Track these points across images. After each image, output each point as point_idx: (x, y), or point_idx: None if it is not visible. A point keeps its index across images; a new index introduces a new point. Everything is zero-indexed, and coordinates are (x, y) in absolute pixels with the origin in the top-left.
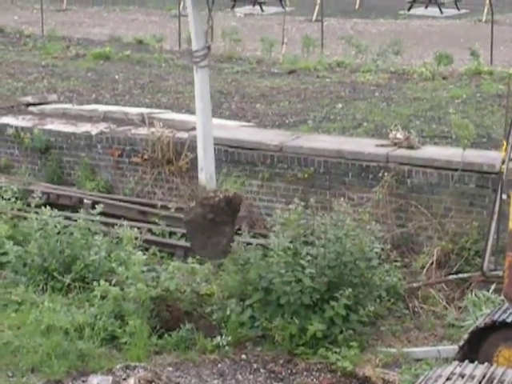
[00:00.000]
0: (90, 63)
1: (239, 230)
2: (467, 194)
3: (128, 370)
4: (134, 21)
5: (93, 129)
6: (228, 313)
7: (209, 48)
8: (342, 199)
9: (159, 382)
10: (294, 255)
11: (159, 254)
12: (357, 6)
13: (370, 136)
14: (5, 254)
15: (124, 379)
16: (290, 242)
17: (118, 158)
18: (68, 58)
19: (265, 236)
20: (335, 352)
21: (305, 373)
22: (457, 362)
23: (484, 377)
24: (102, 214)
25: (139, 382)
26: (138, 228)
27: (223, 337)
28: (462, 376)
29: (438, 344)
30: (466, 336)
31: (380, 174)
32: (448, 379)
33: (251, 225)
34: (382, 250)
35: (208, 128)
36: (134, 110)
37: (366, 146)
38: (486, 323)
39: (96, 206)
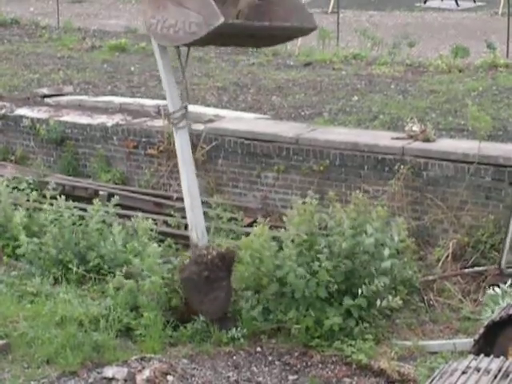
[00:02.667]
0: (105, 55)
1: (255, 221)
2: (483, 187)
3: (143, 362)
4: None
5: (108, 120)
6: (243, 305)
7: (186, 108)
8: (358, 192)
9: (174, 374)
10: (309, 248)
11: (174, 246)
12: None
13: (385, 129)
14: (20, 245)
15: (139, 371)
16: (306, 234)
17: (133, 149)
18: (84, 50)
19: (280, 228)
20: (350, 345)
21: (320, 365)
22: (472, 356)
23: (500, 370)
24: (117, 205)
25: (154, 373)
26: (154, 220)
27: (238, 329)
28: (478, 370)
29: (453, 337)
30: (481, 330)
31: (396, 167)
32: (463, 373)
33: (266, 217)
34: (402, 242)
35: (194, 188)
36: (149, 102)
37: (382, 138)
38: (501, 317)
39: (111, 198)
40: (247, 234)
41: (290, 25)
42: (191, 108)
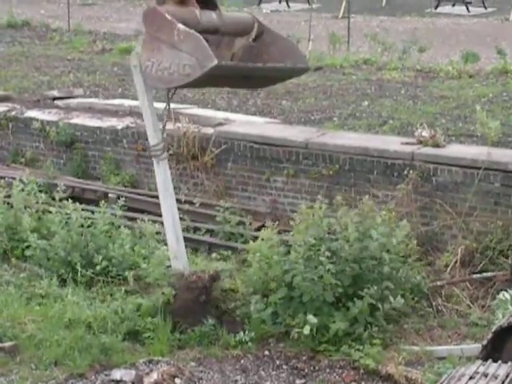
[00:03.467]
0: (115, 57)
1: (264, 225)
2: (492, 193)
3: (151, 365)
4: None
5: (118, 123)
6: (251, 309)
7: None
8: (367, 196)
9: (182, 377)
10: (316, 252)
11: None
12: (383, 4)
13: (395, 134)
14: (29, 247)
15: (147, 373)
16: (314, 238)
17: (142, 152)
18: (94, 53)
19: (289, 232)
20: (358, 349)
21: (327, 369)
22: (480, 361)
23: (507, 376)
24: (126, 208)
25: (162, 376)
26: (162, 223)
27: (246, 333)
28: (486, 375)
29: (461, 343)
30: (489, 335)
31: (405, 172)
32: (471, 378)
33: (275, 221)
34: (407, 245)
35: (177, 218)
36: (159, 105)
37: (392, 143)
38: (509, 322)
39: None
40: (255, 238)
41: (283, 65)
42: (201, 111)
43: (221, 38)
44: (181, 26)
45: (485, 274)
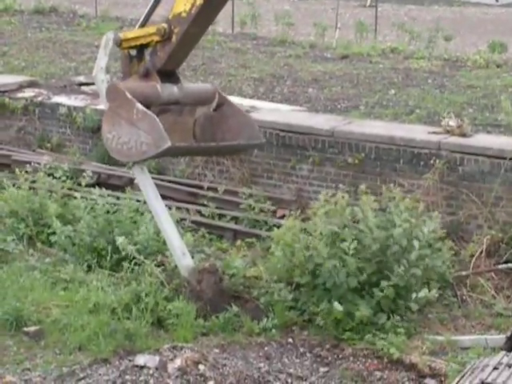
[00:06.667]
0: None
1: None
2: None
3: (175, 351)
4: None
5: None
6: (275, 296)
7: None
8: (393, 185)
9: (206, 363)
10: (339, 239)
11: (208, 236)
12: None
13: (422, 123)
14: (54, 232)
15: (171, 359)
16: (338, 228)
17: None
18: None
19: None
20: (382, 338)
21: (351, 358)
22: (504, 352)
23: None
24: None
25: (186, 362)
26: (187, 210)
27: (270, 320)
28: (509, 366)
29: (485, 333)
30: None
31: (431, 162)
32: (495, 369)
33: (300, 209)
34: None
35: (170, 220)
36: None
37: (418, 132)
38: None
39: None
40: (280, 226)
41: (237, 143)
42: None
43: (183, 105)
44: (139, 106)
45: (510, 265)
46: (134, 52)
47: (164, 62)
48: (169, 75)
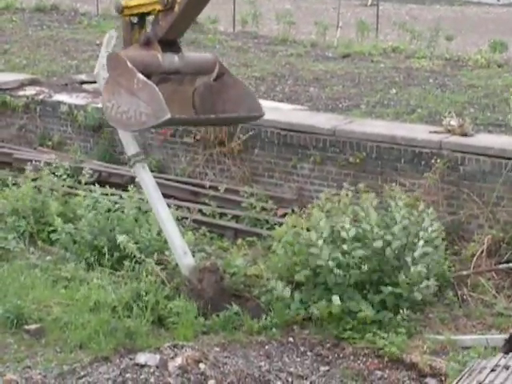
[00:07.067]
0: None
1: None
2: None
3: (175, 349)
4: None
5: None
6: (275, 295)
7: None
8: (394, 185)
9: (206, 362)
10: (339, 236)
11: (209, 235)
12: None
13: (423, 122)
14: (55, 230)
15: (172, 358)
16: (341, 227)
17: (170, 137)
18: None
19: None
20: (383, 337)
21: (352, 357)
22: (501, 354)
23: None
24: None
25: (187, 361)
26: (188, 208)
27: (270, 318)
28: (507, 368)
29: (486, 332)
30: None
31: (432, 161)
32: (492, 371)
33: (301, 208)
34: (434, 231)
35: (171, 218)
36: None
37: (420, 132)
38: None
39: None
40: (281, 225)
41: (237, 115)
42: None
43: (184, 75)
44: (140, 76)
45: (511, 264)
46: (135, 19)
47: (165, 31)
48: (170, 44)
